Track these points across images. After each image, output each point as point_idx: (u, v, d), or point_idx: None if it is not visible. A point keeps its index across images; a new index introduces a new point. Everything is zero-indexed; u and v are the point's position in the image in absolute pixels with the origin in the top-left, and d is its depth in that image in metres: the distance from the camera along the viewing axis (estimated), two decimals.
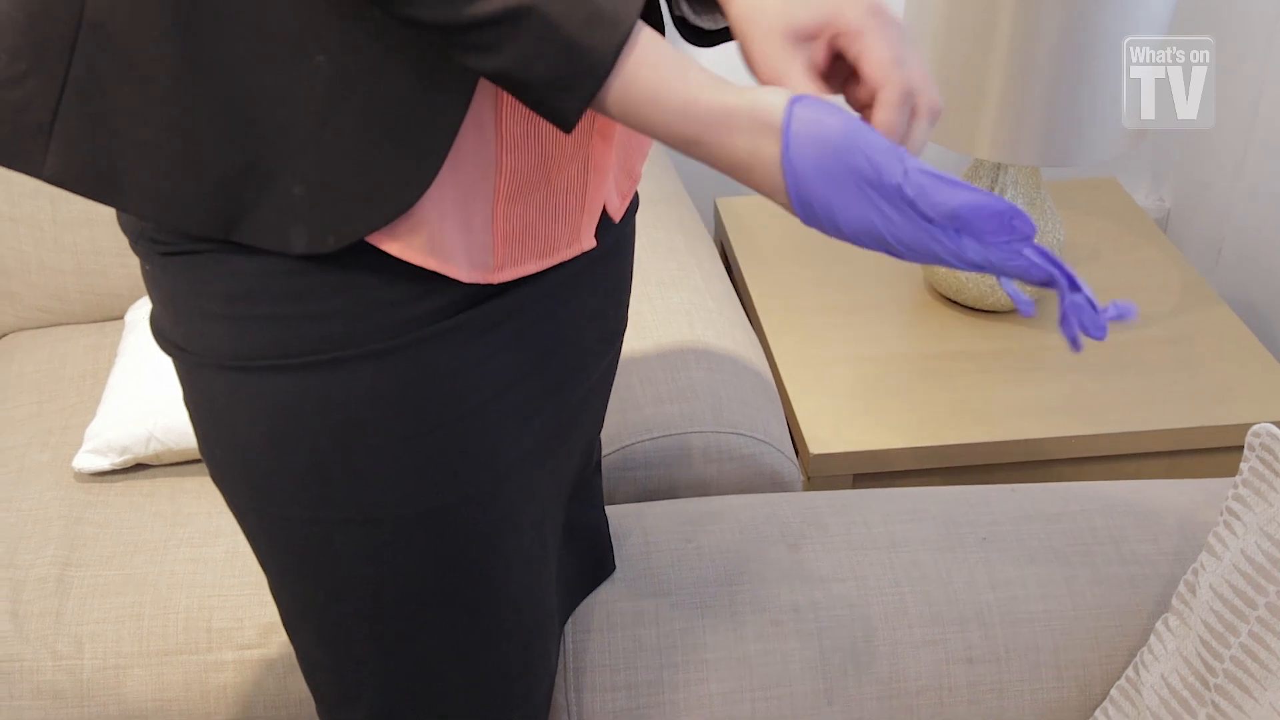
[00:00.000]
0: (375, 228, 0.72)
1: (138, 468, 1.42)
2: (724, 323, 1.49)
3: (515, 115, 0.74)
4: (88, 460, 1.40)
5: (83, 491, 1.40)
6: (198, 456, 1.41)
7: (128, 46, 0.70)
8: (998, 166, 1.62)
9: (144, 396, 1.41)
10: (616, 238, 0.93)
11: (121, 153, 0.72)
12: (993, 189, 1.63)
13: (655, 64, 0.66)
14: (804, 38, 0.68)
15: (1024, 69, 1.44)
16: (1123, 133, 1.50)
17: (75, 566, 1.30)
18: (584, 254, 0.87)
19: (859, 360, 1.62)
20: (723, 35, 0.78)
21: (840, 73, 0.72)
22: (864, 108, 0.71)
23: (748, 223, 1.87)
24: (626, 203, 0.92)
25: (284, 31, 0.68)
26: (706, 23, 0.78)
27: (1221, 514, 1.04)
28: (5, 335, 1.69)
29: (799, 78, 0.68)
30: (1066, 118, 1.47)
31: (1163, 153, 2.10)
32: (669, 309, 1.48)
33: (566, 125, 0.67)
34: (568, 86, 0.65)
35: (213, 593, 1.28)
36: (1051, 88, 1.45)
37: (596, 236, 0.86)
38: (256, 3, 0.68)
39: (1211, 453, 1.55)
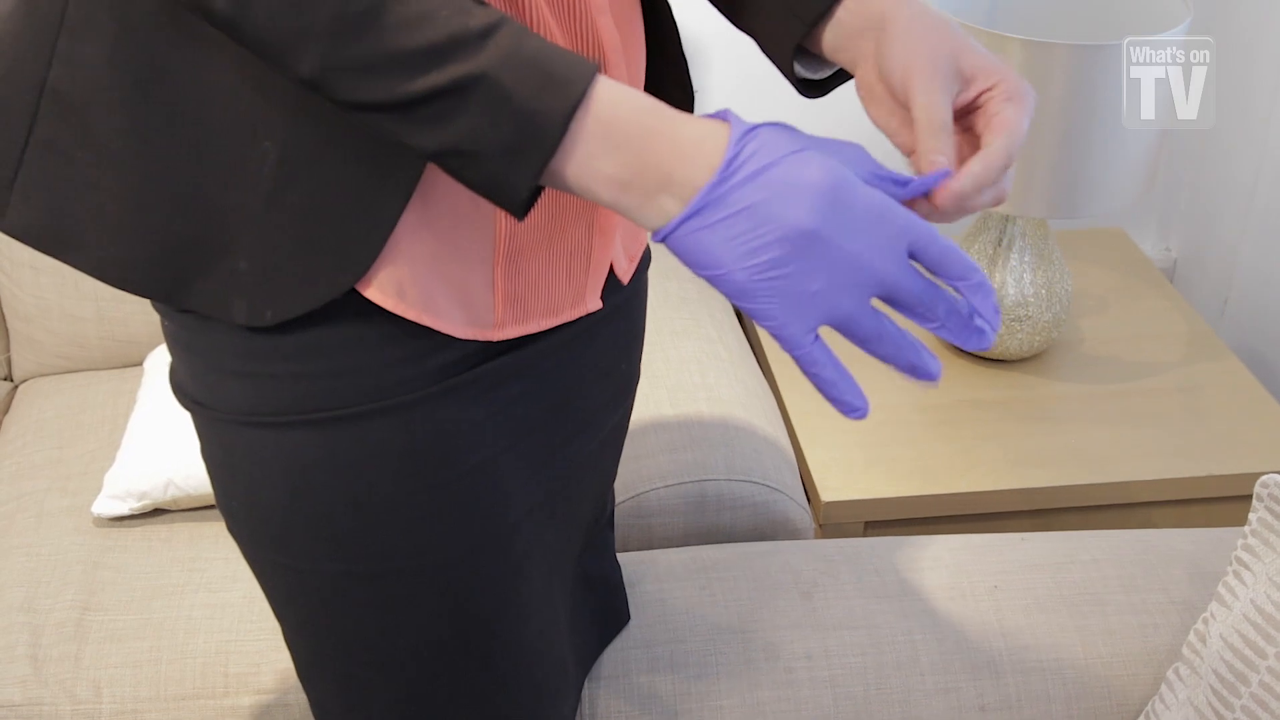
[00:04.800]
0: (313, 306, 0.74)
1: (156, 513, 1.43)
2: (736, 372, 1.51)
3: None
4: (107, 505, 1.42)
5: (101, 536, 1.41)
6: (215, 502, 1.42)
7: (86, 116, 0.72)
8: (1006, 218, 1.64)
9: (163, 443, 1.43)
10: (626, 296, 0.94)
11: (77, 214, 0.74)
12: (1001, 240, 1.65)
13: (612, 130, 0.64)
14: (960, 79, 0.72)
15: (1031, 122, 1.46)
16: (1130, 185, 1.52)
17: (94, 611, 1.32)
18: (590, 315, 0.88)
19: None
20: (833, 82, 0.82)
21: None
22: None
23: None
24: (634, 265, 0.93)
25: (234, 118, 0.70)
26: (821, 72, 0.81)
27: (1231, 564, 1.05)
28: (26, 381, 1.71)
29: (945, 106, 0.71)
30: (1074, 170, 1.49)
31: (1170, 203, 2.12)
32: (681, 358, 1.49)
33: (516, 203, 0.64)
34: (517, 156, 0.63)
35: (230, 638, 1.29)
36: (1059, 141, 1.47)
37: (604, 298, 0.88)
38: (209, 90, 0.70)
39: (1220, 501, 1.56)
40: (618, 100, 0.64)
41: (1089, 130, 1.46)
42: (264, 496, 0.83)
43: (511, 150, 0.62)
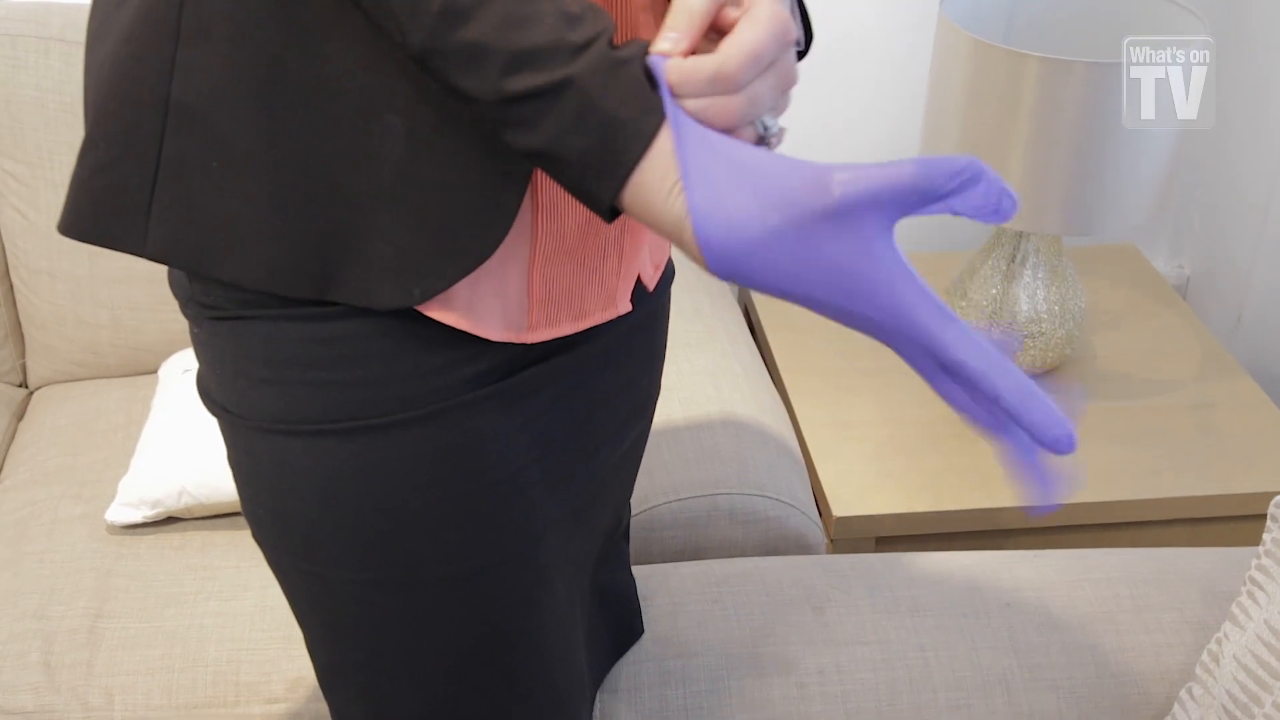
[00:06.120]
0: (458, 278, 0.74)
1: (169, 520, 1.44)
2: (749, 386, 1.51)
3: (551, 179, 0.76)
4: (120, 513, 1.42)
5: (115, 544, 1.41)
6: (228, 510, 1.43)
7: (213, 125, 0.72)
8: (1020, 234, 1.64)
9: (176, 451, 1.44)
10: (651, 308, 0.94)
11: (216, 225, 0.74)
12: (1014, 256, 1.65)
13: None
14: None
15: (1046, 140, 1.47)
16: (1144, 202, 1.52)
17: (107, 619, 1.32)
18: (619, 324, 0.88)
19: (881, 423, 1.63)
20: None
21: None
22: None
23: None
24: (659, 272, 0.94)
25: (356, 99, 0.70)
26: None
27: (1245, 584, 1.05)
28: (40, 388, 1.71)
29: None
30: (1088, 188, 1.49)
31: (1183, 220, 2.12)
32: (695, 372, 1.50)
33: (602, 206, 0.65)
34: (604, 163, 0.63)
35: (241, 646, 1.29)
36: (1074, 157, 1.47)
37: (632, 302, 0.88)
38: (328, 75, 0.70)
39: (1234, 520, 1.55)
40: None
41: (1104, 147, 1.46)
42: (291, 504, 0.83)
43: (597, 159, 0.63)
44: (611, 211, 0.66)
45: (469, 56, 0.63)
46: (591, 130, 0.63)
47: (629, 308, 0.88)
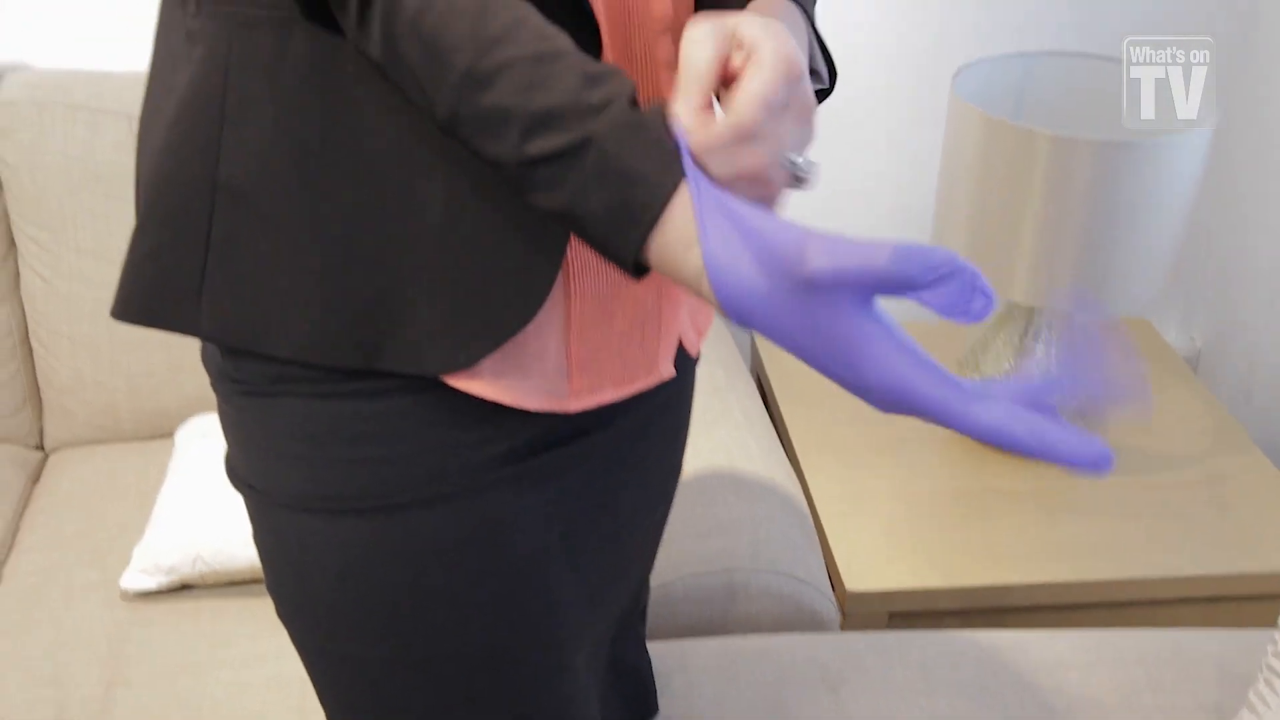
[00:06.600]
0: (501, 342, 0.74)
1: (183, 588, 1.44)
2: (764, 459, 1.52)
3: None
4: (135, 580, 1.42)
5: (129, 611, 1.42)
6: (243, 579, 1.43)
7: (259, 204, 0.74)
8: (1031, 309, 1.65)
9: (192, 518, 1.44)
10: (683, 383, 0.94)
11: (266, 302, 0.75)
12: (1026, 330, 1.66)
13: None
14: (734, 41, 0.66)
15: (1057, 214, 1.48)
16: (1155, 277, 1.53)
17: (120, 686, 1.32)
18: (648, 401, 0.89)
19: (894, 497, 1.64)
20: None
21: None
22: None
23: (785, 355, 1.90)
24: (702, 338, 0.94)
25: (395, 167, 0.72)
26: None
27: (1262, 670, 1.05)
28: (57, 450, 1.72)
29: (707, 54, 0.65)
30: (1099, 263, 1.50)
31: (1194, 292, 2.13)
32: (710, 445, 1.50)
33: (626, 263, 0.65)
34: (626, 219, 0.64)
35: (254, 717, 1.29)
36: (1084, 234, 1.49)
37: (675, 366, 0.88)
38: (370, 147, 0.72)
39: (1249, 600, 1.55)
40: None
41: (1114, 224, 1.48)
42: (314, 582, 0.83)
43: (618, 216, 0.64)
44: (637, 268, 0.66)
45: (492, 121, 0.64)
46: (612, 188, 0.63)
47: (672, 372, 0.88)
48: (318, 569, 0.83)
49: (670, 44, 0.78)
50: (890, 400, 0.64)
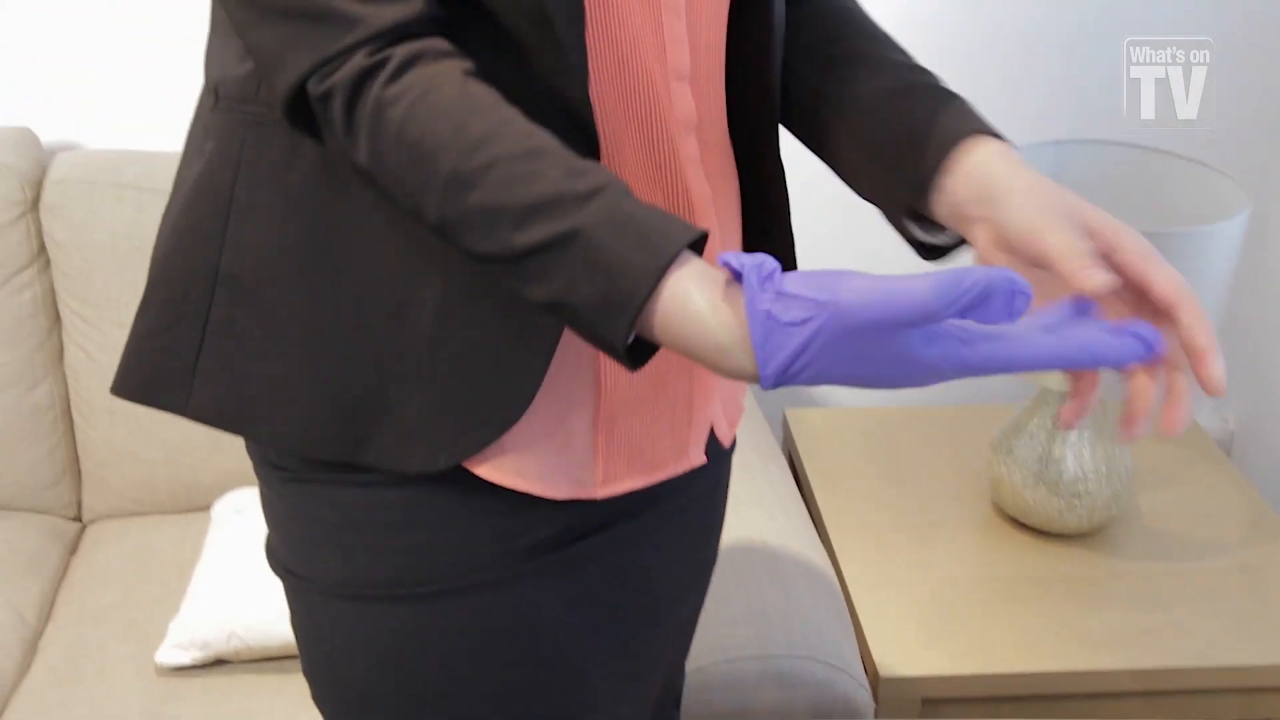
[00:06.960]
0: (483, 445, 0.76)
1: (218, 663, 1.45)
2: (796, 542, 1.52)
3: None
4: (170, 655, 1.43)
5: (163, 685, 1.42)
6: (277, 655, 1.43)
7: (257, 295, 0.76)
8: (1064, 394, 1.65)
9: (227, 593, 1.45)
10: (717, 474, 0.95)
11: (256, 388, 0.77)
12: (1059, 414, 1.66)
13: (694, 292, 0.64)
14: (1086, 231, 0.70)
15: None
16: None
17: None
18: (682, 490, 0.89)
19: (927, 582, 1.63)
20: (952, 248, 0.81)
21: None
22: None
23: (817, 434, 1.90)
24: (734, 428, 0.95)
25: (394, 273, 0.74)
26: (939, 239, 0.80)
27: None
28: (94, 522, 1.74)
29: (1083, 242, 0.69)
30: None
31: (1228, 374, 2.12)
32: (743, 527, 1.50)
33: (616, 351, 0.66)
34: (611, 308, 0.64)
35: None
36: None
37: (706, 454, 0.89)
38: (369, 251, 0.74)
39: None
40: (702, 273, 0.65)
41: None
42: (349, 667, 0.84)
43: (605, 304, 0.64)
44: (630, 357, 0.66)
45: (480, 219, 0.65)
46: (599, 277, 0.64)
47: (703, 459, 0.89)
48: (350, 655, 0.83)
49: (694, 143, 0.80)
50: (941, 380, 0.64)
